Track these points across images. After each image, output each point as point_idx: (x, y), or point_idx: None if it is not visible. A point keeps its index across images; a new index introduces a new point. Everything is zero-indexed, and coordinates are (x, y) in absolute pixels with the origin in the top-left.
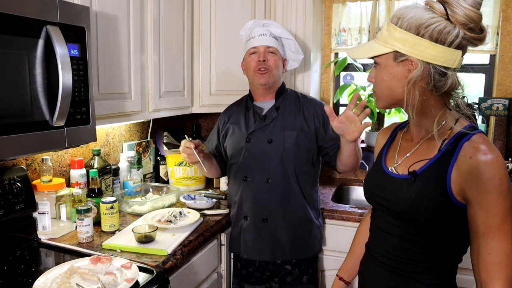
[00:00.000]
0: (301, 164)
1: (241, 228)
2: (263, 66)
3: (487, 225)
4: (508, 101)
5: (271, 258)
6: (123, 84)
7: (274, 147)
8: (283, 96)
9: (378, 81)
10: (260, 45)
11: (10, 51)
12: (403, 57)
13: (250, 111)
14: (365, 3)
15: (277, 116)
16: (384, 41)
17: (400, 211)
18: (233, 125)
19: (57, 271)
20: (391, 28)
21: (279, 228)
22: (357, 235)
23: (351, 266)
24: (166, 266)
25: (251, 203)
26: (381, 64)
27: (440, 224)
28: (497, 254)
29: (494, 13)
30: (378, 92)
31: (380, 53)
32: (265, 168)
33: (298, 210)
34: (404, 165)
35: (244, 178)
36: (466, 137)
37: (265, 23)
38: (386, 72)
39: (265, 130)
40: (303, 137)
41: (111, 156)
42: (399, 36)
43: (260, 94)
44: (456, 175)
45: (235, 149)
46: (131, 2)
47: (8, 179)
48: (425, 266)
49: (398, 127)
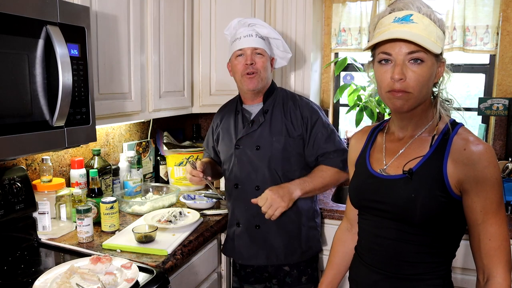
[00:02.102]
0: (290, 169)
1: (234, 234)
2: (251, 70)
3: (485, 213)
4: (508, 101)
5: (265, 262)
6: (123, 84)
7: (262, 154)
8: (272, 97)
9: (421, 80)
10: (247, 47)
11: (10, 51)
12: (442, 57)
13: (239, 115)
14: (365, 3)
15: (264, 121)
16: (434, 38)
17: (398, 211)
18: (223, 130)
19: (57, 271)
20: (432, 25)
21: (272, 234)
22: (335, 244)
23: (332, 278)
24: (166, 266)
25: (243, 210)
26: (427, 62)
27: (438, 219)
28: (497, 239)
29: (494, 13)
30: (416, 92)
31: (440, 50)
32: (255, 175)
33: (291, 215)
34: (395, 165)
35: (235, 186)
36: (453, 131)
37: (251, 23)
38: (432, 71)
39: (253, 136)
40: (291, 142)
41: (111, 156)
42: (441, 36)
43: (248, 98)
44: (452, 168)
45: (225, 155)
46: (131, 2)
47: (8, 179)
48: (425, 266)
49: (376, 129)
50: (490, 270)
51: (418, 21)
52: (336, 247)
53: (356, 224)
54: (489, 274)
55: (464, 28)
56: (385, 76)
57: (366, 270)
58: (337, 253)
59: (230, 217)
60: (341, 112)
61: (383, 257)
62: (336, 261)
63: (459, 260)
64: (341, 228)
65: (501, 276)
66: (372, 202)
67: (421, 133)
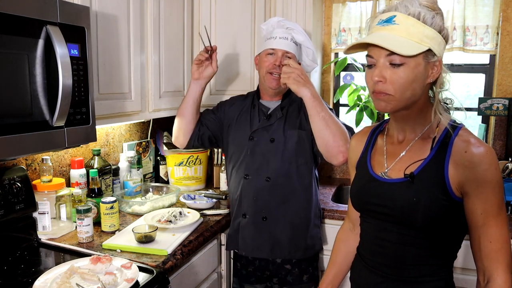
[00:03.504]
0: (302, 164)
1: (239, 226)
2: (279, 71)
3: (486, 215)
4: (508, 101)
5: (269, 255)
6: (123, 84)
7: (276, 147)
8: (290, 96)
9: (400, 82)
10: (279, 49)
11: (10, 51)
12: (435, 57)
13: (256, 108)
14: (365, 3)
15: (281, 116)
16: (418, 38)
17: (399, 215)
18: (237, 121)
19: (57, 271)
20: (418, 24)
21: (278, 227)
22: (337, 243)
23: (333, 278)
24: (166, 266)
25: (251, 201)
26: (409, 64)
27: (440, 222)
28: (497, 241)
29: (494, 13)
30: (397, 94)
31: (420, 51)
32: (267, 167)
33: (298, 209)
34: (396, 169)
35: (245, 176)
36: (454, 133)
37: (289, 27)
38: (415, 72)
39: (268, 129)
40: (303, 134)
41: (111, 156)
42: (431, 34)
43: (268, 95)
44: (454, 171)
45: (237, 146)
46: (131, 2)
47: (8, 179)
48: (426, 268)
49: (376, 131)
50: (491, 272)
51: (401, 22)
52: (338, 246)
53: (358, 225)
54: (489, 276)
55: (464, 28)
56: (368, 77)
57: (368, 272)
58: (339, 252)
59: (236, 209)
60: (341, 112)
61: (385, 259)
62: (338, 260)
63: (459, 260)
64: (343, 228)
65: (501, 278)
66: (374, 206)
67: (421, 135)
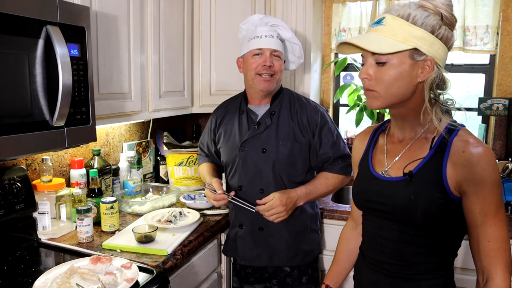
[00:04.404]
0: (295, 174)
1: (237, 236)
2: (269, 72)
3: (484, 214)
4: (508, 101)
5: (268, 263)
6: (123, 84)
7: (267, 158)
8: (279, 99)
9: (385, 80)
10: (267, 48)
11: (10, 51)
12: (422, 56)
13: (244, 115)
14: (365, 3)
15: (271, 124)
16: (403, 38)
17: (399, 213)
18: (226, 130)
19: (57, 271)
20: (406, 24)
21: (275, 236)
22: (340, 241)
23: (337, 273)
24: (166, 266)
25: (246, 213)
26: (393, 62)
27: (438, 221)
28: (496, 241)
29: (494, 13)
30: (381, 91)
31: (400, 49)
32: (259, 178)
33: (294, 218)
34: (396, 167)
35: (239, 188)
36: (453, 133)
37: (274, 24)
38: (399, 70)
39: (259, 138)
40: (297, 147)
41: (111, 156)
42: (419, 34)
43: (257, 98)
44: (452, 170)
45: (228, 157)
46: (131, 2)
47: (8, 179)
48: (426, 266)
49: (378, 130)
50: (490, 271)
51: (388, 24)
52: (341, 244)
53: (360, 223)
54: (488, 276)
55: (464, 28)
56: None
57: (368, 270)
58: (342, 250)
59: (232, 218)
60: (341, 112)
61: (385, 257)
62: (341, 258)
63: (459, 260)
64: (347, 226)
65: (500, 278)
66: (375, 204)
67: (421, 135)
